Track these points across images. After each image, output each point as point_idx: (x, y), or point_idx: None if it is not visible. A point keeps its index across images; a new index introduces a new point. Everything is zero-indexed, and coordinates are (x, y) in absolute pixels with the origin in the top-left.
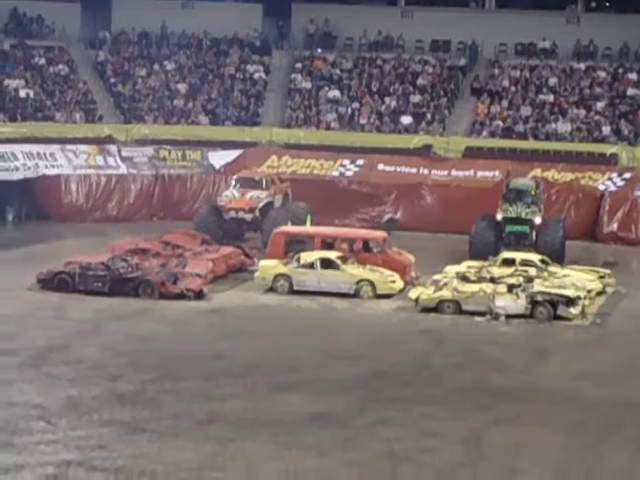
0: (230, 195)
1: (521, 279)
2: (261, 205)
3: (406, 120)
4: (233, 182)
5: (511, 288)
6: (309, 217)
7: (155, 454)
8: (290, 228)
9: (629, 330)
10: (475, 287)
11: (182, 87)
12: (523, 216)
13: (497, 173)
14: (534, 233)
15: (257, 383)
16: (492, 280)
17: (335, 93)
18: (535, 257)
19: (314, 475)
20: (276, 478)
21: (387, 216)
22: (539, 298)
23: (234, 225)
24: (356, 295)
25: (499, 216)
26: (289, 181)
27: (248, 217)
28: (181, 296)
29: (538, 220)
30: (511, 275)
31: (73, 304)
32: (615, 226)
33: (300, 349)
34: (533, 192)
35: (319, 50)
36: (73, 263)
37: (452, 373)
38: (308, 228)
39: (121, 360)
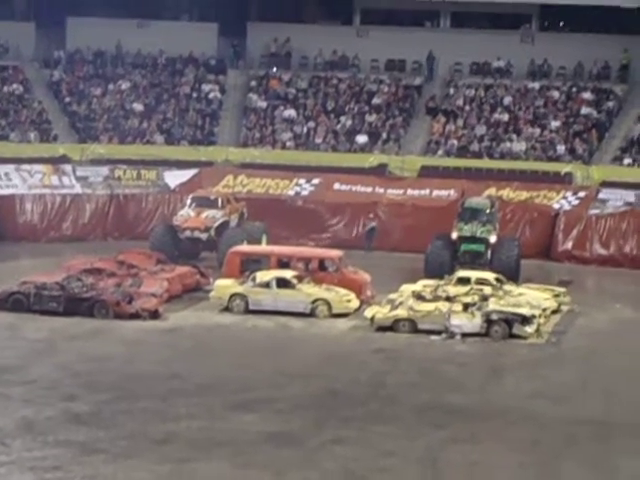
0: (185, 215)
1: (476, 298)
2: (216, 224)
3: (362, 139)
4: (189, 202)
5: (466, 307)
6: (264, 236)
7: (110, 474)
8: (246, 247)
9: (584, 348)
10: (431, 306)
11: (137, 106)
12: (478, 235)
13: (452, 192)
14: (489, 252)
15: (213, 403)
16: (448, 299)
17: (291, 112)
18: (490, 276)
19: None
20: None
21: (370, 224)
22: (494, 317)
23: (190, 244)
24: (312, 314)
25: (454, 235)
26: (244, 201)
27: (204, 236)
28: (136, 316)
29: (493, 239)
30: (466, 294)
31: (28, 324)
32: (570, 245)
33: (256, 368)
34: (488, 211)
35: (274, 69)
36: (28, 283)
37: (408, 392)
38: (264, 247)
39: (76, 380)
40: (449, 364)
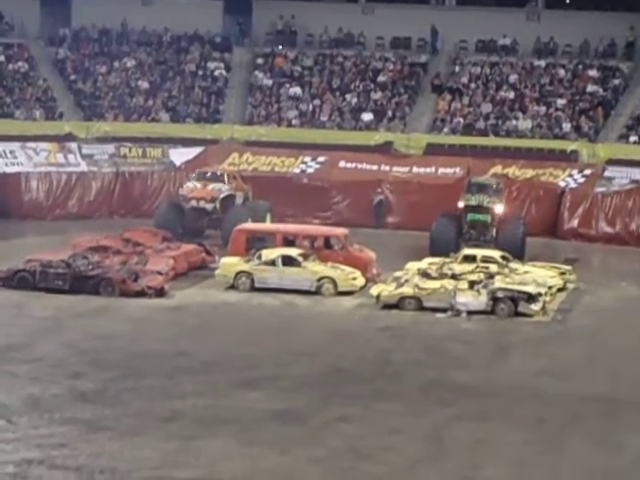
0: (192, 186)
1: (482, 275)
2: (222, 196)
3: (367, 117)
4: (195, 176)
5: (472, 285)
6: (268, 215)
7: (116, 452)
8: (251, 225)
9: (590, 326)
10: (436, 284)
11: (143, 84)
12: (485, 204)
13: (458, 170)
14: (494, 228)
15: (218, 380)
16: (453, 277)
17: (296, 90)
18: (496, 254)
19: (276, 472)
20: (238, 475)
21: (378, 198)
22: (500, 294)
23: (195, 217)
24: (317, 292)
25: (460, 204)
26: (250, 183)
27: (209, 207)
28: (142, 294)
29: (499, 209)
30: (472, 272)
31: (34, 302)
32: (576, 223)
33: (261, 346)
34: (494, 187)
35: (280, 47)
36: (34, 261)
37: (413, 370)
38: (269, 225)
39: (82, 358)
40: (455, 342)
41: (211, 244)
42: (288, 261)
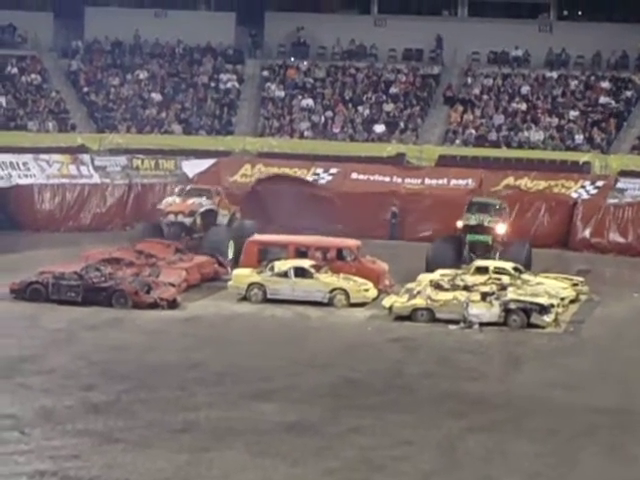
0: (170, 200)
1: (495, 287)
2: (202, 210)
3: (379, 129)
4: (176, 190)
5: (485, 296)
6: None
7: (129, 464)
8: (264, 237)
9: (602, 337)
10: (449, 295)
11: (155, 96)
12: (485, 224)
13: (470, 181)
14: (496, 252)
15: (231, 392)
16: (466, 288)
17: (308, 102)
18: (508, 265)
19: None
20: None
21: (392, 209)
22: (512, 306)
23: (174, 234)
24: (330, 304)
25: (460, 223)
26: (238, 206)
27: (187, 221)
28: (154, 305)
29: (501, 230)
30: (485, 283)
31: (46, 314)
32: (588, 234)
33: (274, 358)
34: (497, 206)
35: (292, 59)
36: (46, 273)
37: (426, 381)
38: (282, 237)
39: (95, 370)
40: (467, 353)
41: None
42: (300, 272)
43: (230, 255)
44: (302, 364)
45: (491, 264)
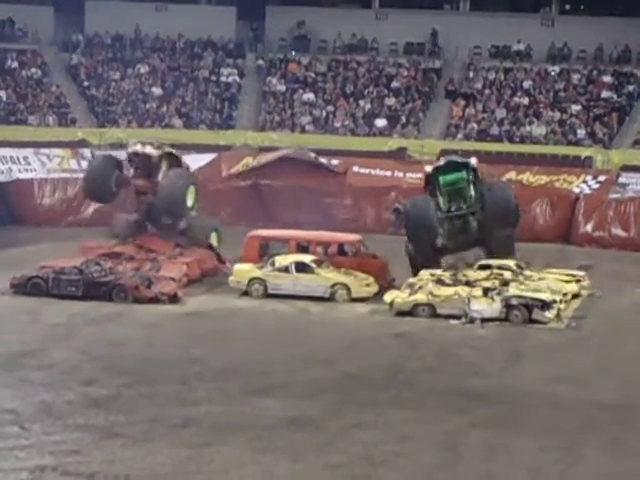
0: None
1: (496, 282)
2: (168, 150)
3: (381, 123)
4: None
5: (486, 291)
6: (214, 235)
7: (129, 459)
8: (265, 232)
9: (604, 333)
10: (450, 290)
11: (156, 90)
12: (458, 160)
13: None
14: (473, 192)
15: (232, 387)
16: (467, 283)
17: (309, 96)
18: (511, 262)
19: (290, 479)
20: None
21: (394, 205)
22: (514, 302)
23: (136, 164)
24: (331, 299)
25: (428, 168)
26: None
27: (154, 153)
28: (155, 300)
29: (474, 161)
30: (486, 278)
31: (47, 308)
32: (590, 228)
33: (275, 353)
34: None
35: (293, 53)
36: (47, 267)
37: (427, 377)
38: (283, 232)
39: (95, 364)
40: (469, 349)
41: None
42: (301, 267)
43: (190, 202)
44: (303, 359)
45: (494, 262)
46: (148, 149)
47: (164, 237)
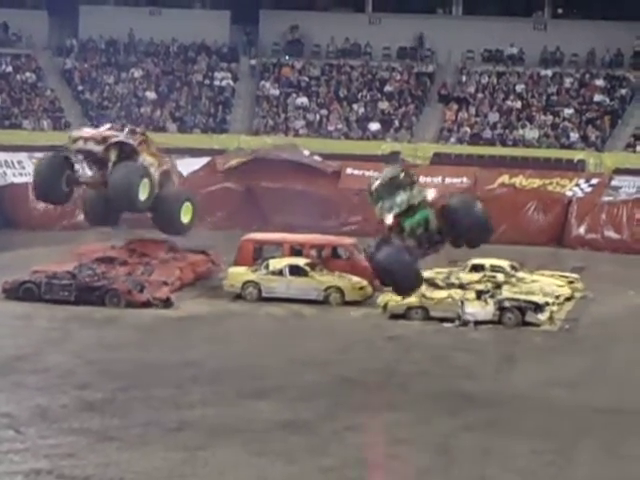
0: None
1: (489, 285)
2: (117, 139)
3: (374, 127)
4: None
5: (480, 294)
6: (188, 205)
7: (124, 462)
8: (258, 235)
9: (597, 335)
10: (443, 293)
11: (150, 94)
12: (413, 201)
13: (465, 179)
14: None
15: (226, 390)
16: (460, 286)
17: (303, 100)
18: (504, 263)
19: None
20: None
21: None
22: (507, 304)
23: (82, 165)
24: (325, 302)
25: (387, 219)
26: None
27: (98, 149)
28: (148, 304)
29: (431, 195)
30: (479, 281)
31: (40, 313)
32: (583, 231)
33: (269, 356)
34: (403, 176)
35: (287, 57)
36: (39, 272)
37: (420, 379)
38: (277, 235)
39: (89, 368)
40: (462, 352)
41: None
42: (295, 271)
43: (142, 197)
44: (297, 362)
45: (487, 262)
46: (90, 145)
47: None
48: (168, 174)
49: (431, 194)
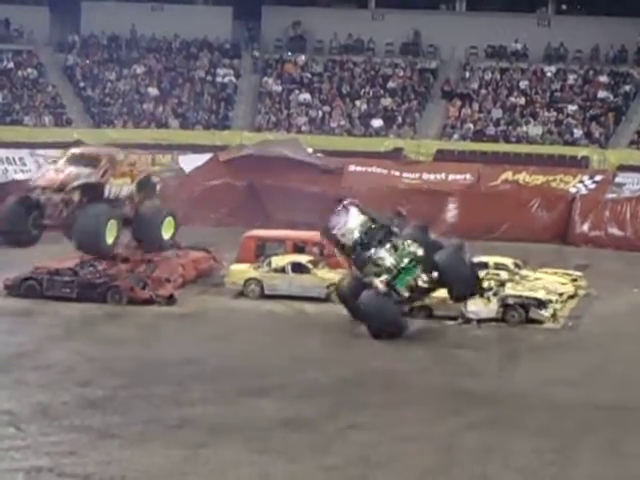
0: (44, 171)
1: (493, 283)
2: (77, 184)
3: (377, 123)
4: (64, 158)
5: (483, 292)
6: (170, 221)
7: (126, 460)
8: (261, 232)
9: (601, 333)
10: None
11: (152, 91)
12: (402, 264)
13: (468, 176)
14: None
15: (228, 388)
16: None
17: (306, 96)
18: (508, 260)
19: None
20: None
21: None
22: (511, 301)
23: (49, 212)
24: (327, 299)
25: (378, 285)
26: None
27: (56, 198)
28: (150, 301)
29: (420, 252)
30: (482, 279)
31: (42, 310)
32: (586, 228)
33: (271, 354)
34: (373, 226)
35: (289, 53)
36: (41, 269)
37: (423, 378)
38: (279, 232)
39: (91, 365)
40: (465, 349)
41: None
42: (298, 268)
43: (109, 242)
44: (299, 360)
45: (490, 259)
46: (48, 194)
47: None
48: (148, 179)
49: (420, 251)
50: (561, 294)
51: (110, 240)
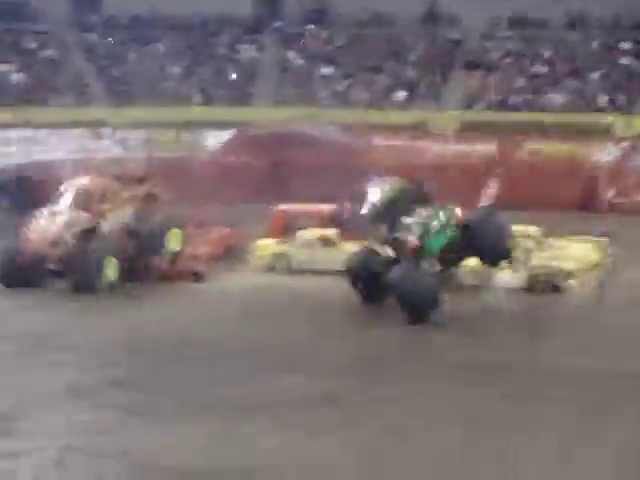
0: (34, 223)
1: (519, 252)
2: (72, 232)
3: (400, 95)
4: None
5: (510, 261)
6: (175, 233)
7: (156, 438)
8: (289, 207)
9: (627, 302)
10: (474, 261)
11: (174, 69)
12: (431, 229)
13: (492, 146)
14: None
15: (256, 365)
16: None
17: (329, 70)
18: (534, 229)
19: (311, 454)
20: (275, 459)
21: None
22: (538, 271)
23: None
24: None
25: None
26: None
27: (53, 254)
28: (179, 277)
29: (443, 216)
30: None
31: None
32: (611, 196)
33: (297, 330)
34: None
35: (311, 27)
36: None
37: (449, 349)
38: (308, 206)
39: (119, 345)
40: (491, 320)
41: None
42: (326, 242)
43: (112, 278)
44: (327, 336)
45: (517, 229)
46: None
47: None
48: (148, 196)
49: (458, 212)
50: (587, 262)
51: (113, 277)
